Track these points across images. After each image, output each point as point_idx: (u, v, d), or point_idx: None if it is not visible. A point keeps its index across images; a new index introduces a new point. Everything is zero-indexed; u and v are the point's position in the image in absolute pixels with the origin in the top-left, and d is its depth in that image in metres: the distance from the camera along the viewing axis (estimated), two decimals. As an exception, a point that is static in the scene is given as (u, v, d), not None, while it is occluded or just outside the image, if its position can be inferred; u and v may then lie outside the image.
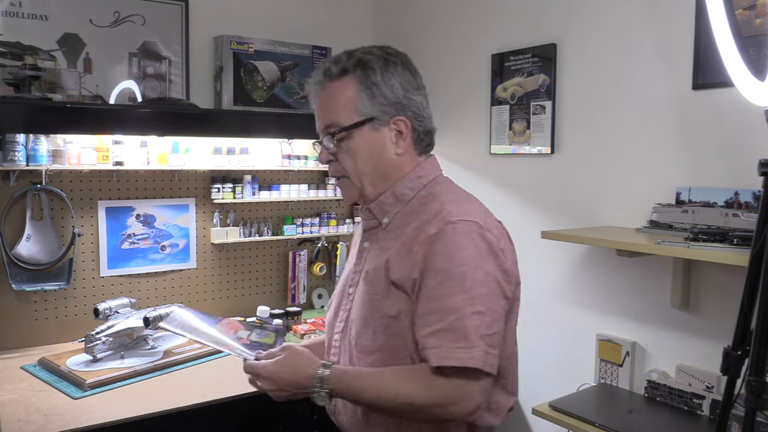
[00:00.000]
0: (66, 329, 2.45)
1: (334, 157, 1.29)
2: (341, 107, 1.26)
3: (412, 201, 1.29)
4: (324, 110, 1.29)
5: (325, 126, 1.29)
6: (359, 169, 1.28)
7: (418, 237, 1.20)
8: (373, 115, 1.26)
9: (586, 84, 2.33)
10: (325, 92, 1.29)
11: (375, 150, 1.28)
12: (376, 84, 1.26)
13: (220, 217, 2.81)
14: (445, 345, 1.11)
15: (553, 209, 2.45)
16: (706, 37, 1.90)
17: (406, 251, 1.21)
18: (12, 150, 2.23)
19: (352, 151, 1.27)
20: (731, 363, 1.51)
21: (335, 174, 1.33)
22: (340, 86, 1.27)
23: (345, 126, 1.26)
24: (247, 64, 2.77)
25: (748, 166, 1.66)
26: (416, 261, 1.18)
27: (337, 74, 1.27)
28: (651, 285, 2.11)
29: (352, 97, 1.26)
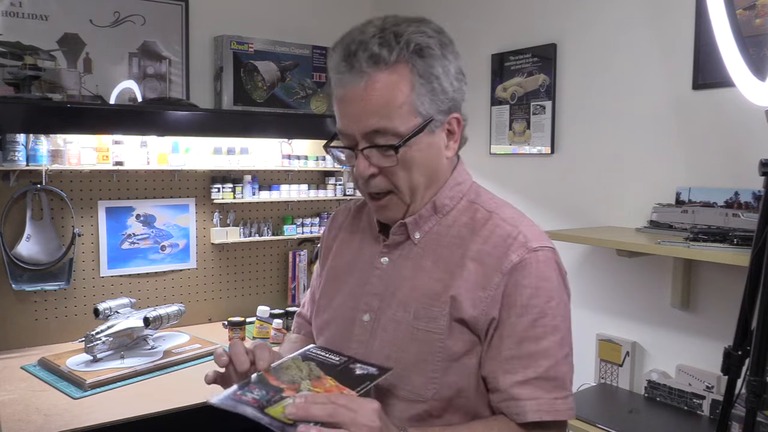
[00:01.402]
0: (66, 329, 2.44)
1: (380, 170, 0.99)
2: (397, 108, 0.95)
3: (452, 212, 1.06)
4: (370, 110, 0.95)
5: (372, 131, 0.96)
6: (414, 183, 1.01)
7: (491, 264, 0.98)
8: (431, 115, 0.98)
9: (586, 84, 2.33)
10: (372, 86, 0.94)
11: (431, 158, 1.02)
12: (437, 77, 0.98)
13: (220, 217, 2.81)
14: (542, 396, 0.95)
15: (553, 209, 2.45)
16: (706, 37, 1.90)
17: (478, 283, 0.98)
18: (12, 150, 2.22)
19: (408, 162, 0.98)
20: (732, 363, 1.51)
21: (378, 190, 1.01)
22: (395, 79, 0.95)
23: (406, 135, 0.96)
24: (247, 64, 2.77)
25: (748, 166, 1.66)
26: (496, 296, 0.97)
27: (389, 62, 0.94)
28: (651, 285, 2.11)
29: (409, 94, 0.96)
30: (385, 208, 1.04)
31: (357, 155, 0.98)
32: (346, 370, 0.93)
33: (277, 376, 0.91)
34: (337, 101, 0.99)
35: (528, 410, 0.95)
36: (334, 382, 0.90)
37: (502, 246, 0.99)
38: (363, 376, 0.91)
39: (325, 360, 0.97)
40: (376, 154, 0.97)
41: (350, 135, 0.98)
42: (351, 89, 0.96)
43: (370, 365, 0.94)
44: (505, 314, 0.97)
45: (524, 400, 0.95)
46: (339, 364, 0.94)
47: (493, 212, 1.04)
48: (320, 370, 0.93)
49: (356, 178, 1.02)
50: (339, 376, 0.92)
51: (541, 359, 0.96)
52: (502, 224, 1.02)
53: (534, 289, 0.97)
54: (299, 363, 0.95)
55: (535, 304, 0.97)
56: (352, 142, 0.99)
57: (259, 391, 0.87)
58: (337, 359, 0.96)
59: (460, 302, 0.97)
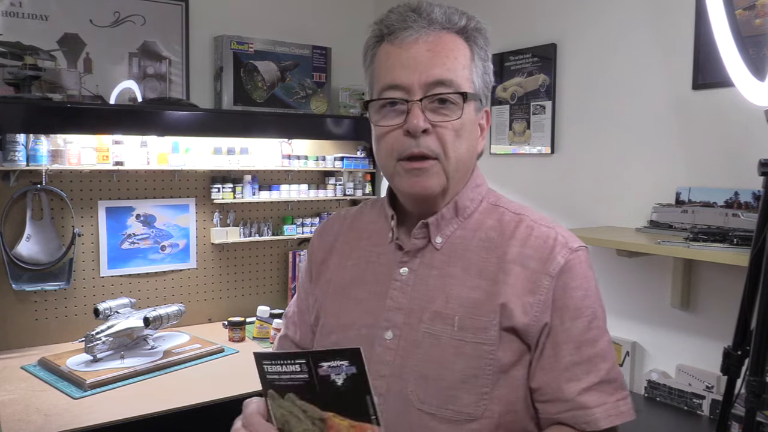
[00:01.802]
0: (66, 329, 2.44)
1: (432, 127, 0.93)
2: (461, 68, 0.94)
3: (474, 215, 1.01)
4: (437, 60, 0.92)
5: (436, 81, 0.92)
6: (460, 153, 0.95)
7: (536, 268, 0.94)
8: (479, 94, 0.98)
9: (586, 84, 2.33)
10: (441, 40, 0.94)
11: (474, 137, 0.99)
12: (488, 59, 1.01)
13: (220, 217, 2.81)
14: (608, 401, 0.92)
15: (553, 209, 2.45)
16: (706, 37, 1.90)
17: (526, 289, 0.93)
18: (12, 150, 2.23)
19: (461, 128, 0.94)
20: (731, 363, 1.51)
21: (427, 151, 0.93)
22: (460, 43, 0.96)
23: (469, 91, 0.95)
24: (247, 64, 2.77)
25: (748, 166, 1.66)
26: (547, 300, 0.92)
27: (458, 28, 0.96)
28: (651, 285, 2.11)
29: (470, 62, 0.96)
30: (426, 173, 0.94)
31: (411, 108, 0.92)
32: (323, 382, 0.81)
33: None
34: (396, 50, 0.94)
35: (599, 417, 0.91)
36: (340, 419, 0.81)
37: (543, 248, 0.95)
38: (353, 385, 0.81)
39: (291, 378, 0.83)
40: (434, 108, 0.93)
41: (406, 86, 0.92)
42: (419, 36, 0.93)
43: (333, 356, 0.81)
44: (558, 319, 0.93)
45: (593, 408, 0.91)
46: (306, 377, 0.82)
47: (522, 215, 1.00)
48: (305, 402, 0.83)
49: (391, 145, 0.94)
50: (326, 397, 0.82)
51: (601, 362, 0.93)
52: (537, 226, 0.98)
53: (584, 290, 0.95)
54: (283, 405, 0.84)
55: (588, 306, 0.94)
56: (407, 95, 0.93)
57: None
58: (296, 368, 0.83)
59: (511, 309, 0.92)
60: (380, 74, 0.96)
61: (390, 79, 0.94)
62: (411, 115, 0.91)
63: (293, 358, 0.82)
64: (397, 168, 0.95)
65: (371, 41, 0.99)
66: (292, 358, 0.82)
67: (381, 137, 0.96)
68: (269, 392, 0.84)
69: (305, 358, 0.81)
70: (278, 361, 0.83)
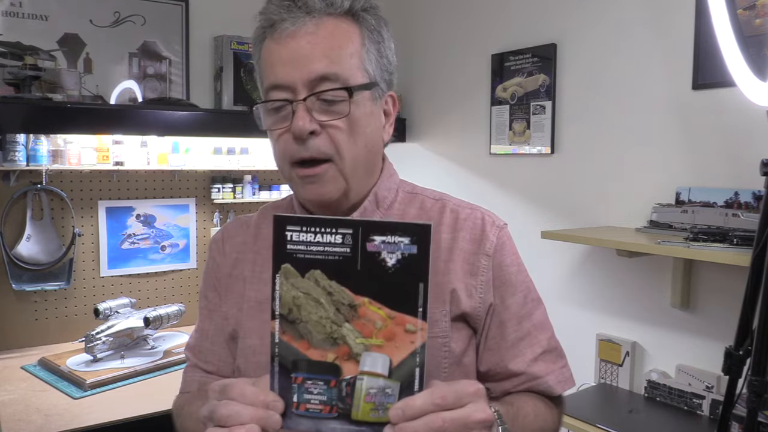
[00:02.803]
0: (66, 329, 2.44)
1: (321, 128, 0.85)
2: (348, 57, 0.86)
3: (395, 205, 0.97)
4: (318, 53, 0.84)
5: (319, 77, 0.84)
6: (356, 151, 0.88)
7: (472, 250, 0.93)
8: (376, 81, 0.90)
9: (586, 84, 2.33)
10: (323, 26, 0.85)
11: (373, 130, 0.91)
12: (384, 40, 0.91)
13: (220, 217, 2.81)
14: (554, 368, 0.95)
15: (553, 209, 2.45)
16: (706, 37, 1.90)
17: (466, 271, 0.92)
18: (12, 150, 2.23)
19: (354, 123, 0.86)
20: (733, 363, 1.51)
21: (317, 154, 0.86)
22: (345, 27, 0.87)
23: (356, 84, 0.86)
24: (247, 64, 2.77)
25: (748, 166, 1.66)
26: (488, 280, 0.92)
27: (343, 10, 0.87)
28: (651, 285, 2.11)
29: (359, 47, 0.87)
30: (321, 179, 0.87)
31: (296, 108, 0.84)
32: (369, 260, 0.67)
33: (300, 333, 0.69)
34: (276, 46, 0.86)
35: (553, 384, 0.94)
36: (377, 308, 0.68)
37: (474, 229, 0.94)
38: (407, 269, 0.66)
39: (324, 250, 0.68)
40: (321, 106, 0.85)
41: (289, 85, 0.85)
42: (297, 29, 0.84)
43: (393, 229, 0.67)
44: (499, 298, 0.93)
45: (545, 376, 0.93)
46: (347, 252, 0.67)
47: (443, 200, 0.98)
48: (335, 282, 0.68)
49: (283, 149, 0.88)
50: (367, 279, 0.67)
51: (539, 333, 0.95)
52: (460, 210, 0.96)
53: (517, 266, 0.96)
54: (301, 285, 0.68)
55: (522, 281, 0.96)
56: (290, 95, 0.85)
57: (315, 386, 0.68)
58: (336, 238, 0.68)
59: (458, 294, 0.91)
60: (263, 73, 0.89)
61: (272, 79, 0.87)
62: (296, 116, 0.84)
63: (335, 226, 0.67)
64: (292, 174, 0.89)
65: (257, 34, 0.91)
66: (334, 226, 0.67)
67: (274, 143, 0.90)
68: (284, 267, 0.68)
69: (353, 228, 0.67)
70: (312, 227, 0.68)
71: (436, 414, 0.66)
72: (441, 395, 0.67)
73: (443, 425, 0.66)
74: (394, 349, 0.67)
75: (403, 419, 0.66)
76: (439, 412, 0.66)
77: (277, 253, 0.68)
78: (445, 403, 0.67)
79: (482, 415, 0.68)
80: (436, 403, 0.67)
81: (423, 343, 0.67)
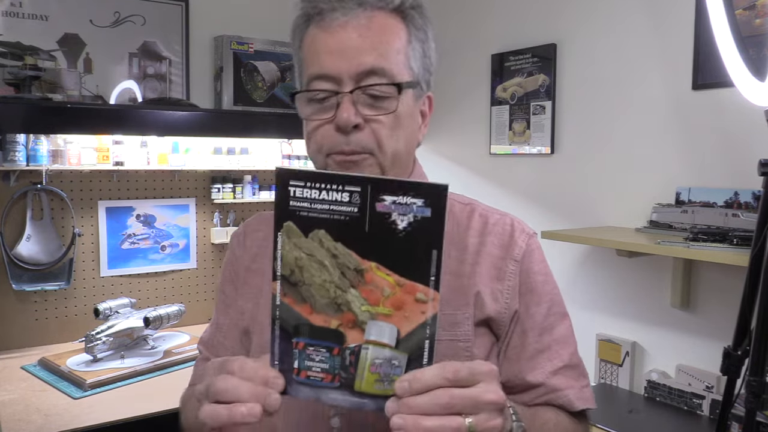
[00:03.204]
0: (66, 329, 2.44)
1: (365, 122, 0.84)
2: (395, 54, 0.84)
3: None
4: (368, 46, 0.83)
5: (367, 71, 0.82)
6: (397, 147, 0.86)
7: (499, 254, 0.91)
8: (419, 79, 0.89)
9: (586, 84, 2.33)
10: (374, 20, 0.83)
11: (412, 130, 0.90)
12: (428, 39, 0.90)
13: (220, 217, 2.81)
14: (575, 386, 0.91)
15: (553, 209, 2.45)
16: (705, 37, 1.90)
17: (492, 275, 0.90)
18: (12, 150, 2.23)
19: (397, 119, 0.85)
20: (731, 363, 1.51)
21: (358, 149, 0.84)
22: (394, 23, 0.85)
23: (404, 81, 0.85)
24: (247, 64, 2.77)
25: (748, 166, 1.66)
26: (515, 286, 0.90)
27: (393, 6, 0.85)
28: (651, 285, 2.11)
29: (406, 44, 0.86)
30: (358, 166, 0.85)
31: (342, 101, 0.82)
32: (378, 221, 0.62)
33: (303, 296, 0.64)
34: (323, 34, 0.84)
35: (573, 399, 0.89)
36: (385, 274, 0.63)
37: (503, 234, 0.92)
38: (419, 233, 0.62)
39: (330, 209, 0.63)
40: (367, 100, 0.83)
41: (335, 76, 0.83)
42: (349, 20, 0.82)
43: (406, 189, 0.62)
44: (524, 305, 0.90)
45: (564, 389, 0.89)
46: (355, 211, 0.62)
47: (472, 204, 0.97)
48: (340, 244, 0.63)
49: (321, 140, 0.86)
50: (375, 242, 0.62)
51: (561, 348, 0.91)
52: (490, 214, 0.94)
53: (544, 275, 0.93)
54: (304, 245, 0.64)
55: (548, 291, 0.92)
56: (336, 86, 0.83)
57: (317, 353, 0.64)
58: (343, 196, 0.63)
59: (483, 298, 0.88)
60: (307, 62, 0.87)
61: (317, 69, 0.84)
62: (341, 109, 0.82)
63: (342, 183, 0.62)
64: (328, 162, 0.87)
65: (299, 20, 0.89)
66: (341, 183, 0.62)
67: (310, 133, 0.88)
68: (286, 225, 0.64)
69: (361, 184, 0.62)
70: (317, 183, 0.63)
71: (445, 390, 0.61)
72: (453, 370, 0.62)
73: (451, 402, 0.61)
74: (403, 318, 0.63)
75: (409, 392, 0.61)
76: (448, 387, 0.61)
77: (279, 210, 0.64)
78: (456, 379, 0.62)
79: (494, 396, 0.63)
80: (447, 377, 0.62)
81: (435, 314, 0.62)
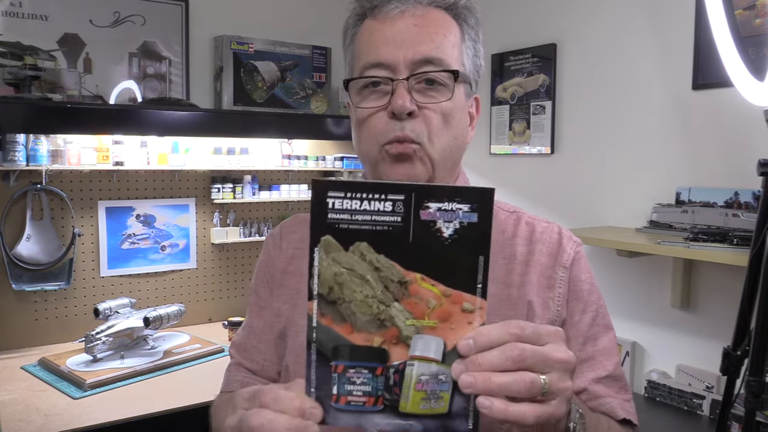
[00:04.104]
0: (66, 329, 2.44)
1: (419, 110, 0.83)
2: (450, 47, 0.86)
3: None
4: (425, 36, 0.84)
5: (423, 59, 0.83)
6: (446, 142, 0.85)
7: (548, 263, 0.90)
8: (469, 78, 0.90)
9: (586, 84, 2.33)
10: (429, 15, 0.85)
11: (463, 126, 0.90)
12: (479, 40, 0.92)
13: (220, 217, 2.81)
14: (617, 396, 0.88)
15: (553, 209, 2.45)
16: (705, 37, 1.90)
17: (542, 284, 0.89)
18: (12, 150, 2.23)
19: (449, 112, 0.85)
20: (731, 363, 1.51)
21: (411, 135, 0.83)
22: (449, 20, 0.87)
23: (459, 71, 0.85)
24: (247, 64, 2.77)
25: (748, 166, 1.66)
26: (564, 293, 0.89)
27: (447, 4, 0.87)
28: (651, 285, 2.11)
29: (460, 42, 0.88)
30: (409, 159, 0.84)
31: (396, 87, 0.82)
32: (423, 230, 0.59)
33: (342, 315, 0.60)
34: (380, 25, 0.85)
35: (615, 406, 0.86)
36: (430, 284, 0.60)
37: (551, 242, 0.91)
38: (465, 240, 0.59)
39: (372, 220, 0.60)
40: (422, 88, 0.84)
41: (390, 64, 0.83)
42: (407, 10, 0.84)
43: (451, 195, 0.59)
44: (569, 312, 0.89)
45: (606, 397, 0.86)
46: (398, 221, 0.59)
47: (518, 212, 0.95)
48: (383, 256, 0.60)
49: (374, 128, 0.85)
50: (420, 252, 0.59)
51: (604, 359, 0.89)
52: (536, 222, 0.93)
53: (590, 284, 0.91)
54: (343, 260, 0.60)
55: (593, 301, 0.91)
56: (391, 74, 0.83)
57: (358, 375, 0.60)
58: (386, 205, 0.59)
59: (534, 308, 0.87)
60: (362, 52, 0.87)
61: (373, 57, 0.84)
62: (396, 95, 0.82)
63: (384, 191, 0.59)
64: (382, 154, 0.85)
65: (352, 19, 0.90)
66: (383, 191, 0.59)
67: (362, 121, 0.87)
68: (324, 239, 0.60)
69: (405, 193, 0.59)
70: (358, 193, 0.59)
71: (515, 343, 0.57)
72: (518, 326, 0.59)
73: (522, 354, 0.57)
74: (449, 330, 0.59)
75: (475, 349, 0.57)
76: (517, 342, 0.58)
77: (316, 223, 0.59)
78: (522, 335, 0.58)
79: (564, 355, 0.59)
80: (513, 332, 0.58)
81: (482, 323, 0.59)
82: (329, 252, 0.60)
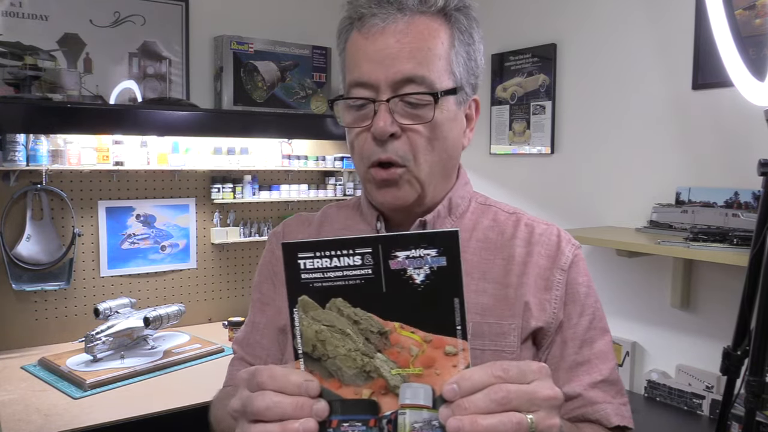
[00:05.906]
0: (66, 329, 2.44)
1: (401, 130, 0.82)
2: (436, 60, 0.82)
3: (467, 214, 0.94)
4: (406, 53, 0.81)
5: (404, 79, 0.81)
6: (434, 159, 0.85)
7: (546, 265, 0.89)
8: (462, 85, 0.87)
9: (586, 84, 2.33)
10: (414, 25, 0.82)
11: (453, 137, 0.87)
12: (474, 42, 0.88)
13: (220, 217, 2.81)
14: (613, 401, 0.88)
15: (553, 209, 2.45)
16: (705, 37, 1.90)
17: (539, 286, 0.88)
18: (12, 150, 2.23)
19: (435, 129, 0.83)
20: (731, 363, 1.51)
21: (395, 157, 0.83)
22: (436, 27, 0.83)
23: (442, 89, 0.83)
24: (247, 64, 2.77)
25: (748, 166, 1.66)
26: (561, 296, 0.89)
27: (436, 9, 0.84)
28: (651, 285, 2.11)
29: (449, 49, 0.84)
30: (395, 184, 0.84)
31: (378, 109, 0.81)
32: (395, 279, 0.60)
33: (329, 370, 0.61)
34: (363, 41, 0.83)
35: (610, 413, 0.86)
36: (410, 332, 0.60)
37: (550, 244, 0.91)
38: (438, 284, 0.59)
39: (343, 275, 0.61)
40: (404, 108, 0.82)
41: (373, 84, 0.81)
42: (387, 26, 0.81)
43: (416, 242, 0.59)
44: (566, 315, 0.88)
45: (601, 403, 0.86)
46: (369, 273, 0.60)
47: (517, 213, 0.95)
48: (360, 309, 0.60)
49: (360, 149, 0.85)
50: (395, 301, 0.60)
51: (600, 363, 0.89)
52: (536, 224, 0.93)
53: (587, 287, 0.91)
54: (322, 317, 0.61)
55: (590, 304, 0.91)
56: (373, 94, 0.82)
57: (353, 428, 0.60)
58: (355, 260, 0.60)
59: (531, 309, 0.86)
60: (348, 68, 0.86)
61: (356, 75, 0.83)
62: (377, 117, 0.81)
63: (351, 246, 0.60)
64: (368, 176, 0.86)
65: (344, 23, 0.88)
66: (350, 247, 0.60)
67: (352, 141, 0.87)
68: (301, 300, 0.61)
69: (372, 246, 0.59)
70: (327, 251, 0.60)
71: (499, 384, 0.57)
72: (502, 368, 0.58)
73: (508, 396, 0.57)
74: (435, 376, 0.59)
75: (459, 394, 0.57)
76: (501, 383, 0.58)
77: (291, 285, 0.60)
78: (507, 377, 0.58)
79: (550, 392, 0.59)
80: (498, 375, 0.58)
81: (467, 365, 0.59)
82: (307, 311, 0.60)
